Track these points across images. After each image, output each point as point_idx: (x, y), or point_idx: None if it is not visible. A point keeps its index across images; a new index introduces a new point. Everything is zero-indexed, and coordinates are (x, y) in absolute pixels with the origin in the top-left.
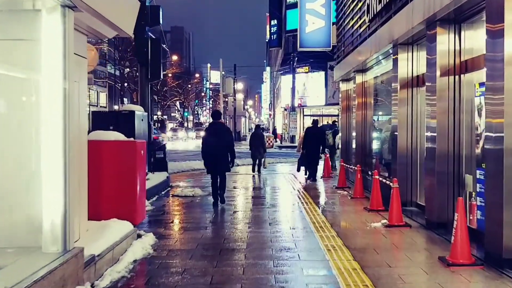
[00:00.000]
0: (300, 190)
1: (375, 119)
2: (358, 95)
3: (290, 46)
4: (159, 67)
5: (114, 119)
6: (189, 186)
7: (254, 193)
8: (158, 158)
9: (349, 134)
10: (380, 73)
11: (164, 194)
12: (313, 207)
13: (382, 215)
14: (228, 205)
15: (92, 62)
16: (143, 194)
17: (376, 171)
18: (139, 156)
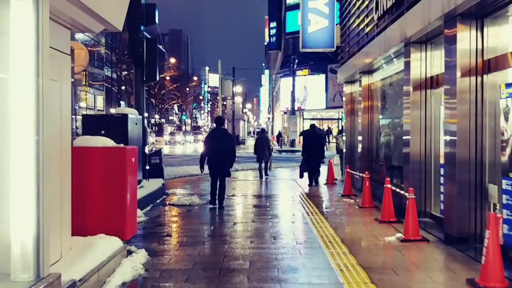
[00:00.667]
0: (304, 198)
1: (383, 123)
2: (364, 98)
3: (289, 48)
4: (155, 68)
5: (106, 123)
6: (186, 194)
7: (255, 202)
8: (153, 164)
9: (353, 139)
10: (389, 74)
11: (159, 202)
12: (319, 218)
13: (395, 227)
14: (227, 215)
15: (83, 62)
16: (134, 206)
17: (387, 179)
18: (130, 164)
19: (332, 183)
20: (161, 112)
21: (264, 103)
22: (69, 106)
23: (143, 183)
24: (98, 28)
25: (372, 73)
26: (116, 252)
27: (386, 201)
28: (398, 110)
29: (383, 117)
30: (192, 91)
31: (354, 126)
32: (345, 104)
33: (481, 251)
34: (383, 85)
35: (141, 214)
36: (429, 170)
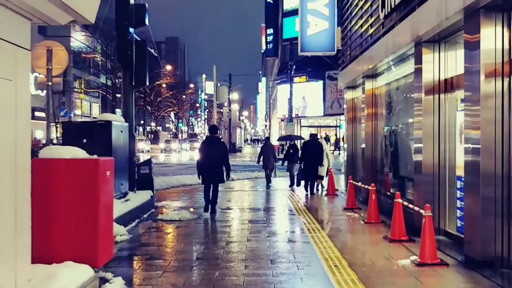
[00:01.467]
0: (304, 212)
1: (389, 131)
2: (368, 104)
3: (287, 55)
4: (145, 72)
5: (88, 131)
6: (176, 207)
7: (250, 216)
8: (142, 174)
9: (355, 147)
10: (395, 78)
11: (146, 217)
12: (322, 236)
13: (407, 247)
14: (220, 233)
15: (61, 64)
16: (110, 226)
17: (398, 193)
18: (104, 178)
19: (333, 194)
20: (157, 120)
21: (261, 110)
22: (28, 109)
23: (130, 195)
24: (64, 19)
25: (376, 77)
26: (85, 283)
27: (397, 218)
28: (407, 117)
29: (389, 124)
30: (189, 99)
31: (356, 134)
32: (346, 111)
33: (510, 278)
34: (388, 90)
35: (123, 232)
36: (443, 183)
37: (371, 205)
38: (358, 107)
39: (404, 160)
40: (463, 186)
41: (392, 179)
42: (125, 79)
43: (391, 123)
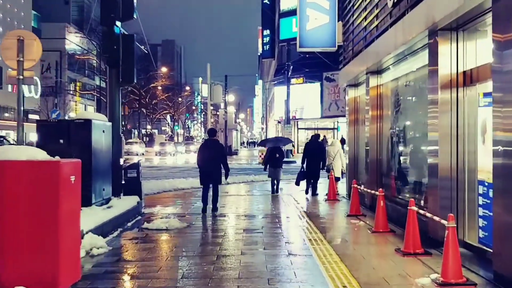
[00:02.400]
0: (305, 219)
1: (397, 130)
2: (372, 102)
3: (284, 56)
4: (133, 69)
5: (65, 131)
6: (165, 214)
7: (246, 224)
8: (130, 179)
9: (357, 149)
10: (404, 73)
11: (131, 226)
12: (326, 248)
13: (424, 262)
14: (211, 244)
15: (34, 55)
16: (74, 242)
17: (412, 199)
18: (66, 184)
19: (334, 199)
20: (152, 122)
21: (258, 113)
22: None
23: (113, 202)
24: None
25: (381, 73)
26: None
27: (411, 228)
28: (418, 114)
29: (397, 124)
30: (185, 101)
31: (358, 134)
32: (348, 111)
33: None
34: (396, 86)
35: (102, 244)
36: (462, 188)
37: (379, 212)
38: (360, 106)
39: (415, 163)
40: (486, 192)
41: (400, 183)
42: (111, 76)
43: (399, 122)
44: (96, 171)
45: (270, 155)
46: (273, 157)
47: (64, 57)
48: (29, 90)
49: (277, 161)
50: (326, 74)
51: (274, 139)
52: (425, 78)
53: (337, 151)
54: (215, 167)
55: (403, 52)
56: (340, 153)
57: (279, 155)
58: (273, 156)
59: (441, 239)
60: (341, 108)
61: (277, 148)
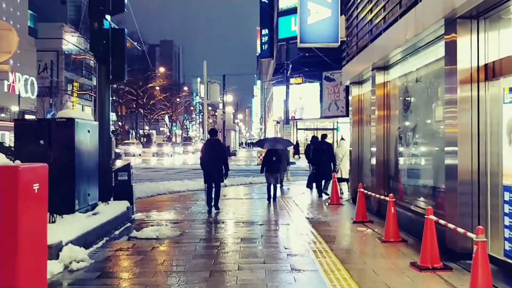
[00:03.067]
0: (307, 226)
1: (407, 130)
2: (379, 100)
3: (283, 55)
4: (123, 65)
5: (46, 131)
6: (157, 221)
7: (244, 232)
8: (120, 182)
9: (362, 151)
10: (415, 68)
11: (118, 234)
12: (332, 261)
13: (445, 278)
14: (205, 257)
15: (10, 48)
16: (39, 260)
17: (430, 208)
18: (27, 193)
19: (337, 204)
20: (150, 123)
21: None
22: None
23: (100, 207)
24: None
25: (388, 69)
26: None
27: (429, 239)
28: (432, 113)
29: (407, 123)
30: (183, 102)
31: (363, 135)
32: (351, 110)
33: None
34: (405, 82)
35: (83, 257)
36: (484, 193)
37: (389, 220)
38: (365, 104)
39: (429, 165)
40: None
41: (411, 187)
42: (100, 73)
43: (409, 121)
44: (80, 175)
45: (266, 158)
46: (270, 160)
47: (61, 57)
48: (26, 91)
49: (274, 165)
50: (326, 73)
51: (272, 140)
52: (438, 73)
53: (345, 152)
54: (216, 166)
55: (414, 45)
56: (347, 154)
57: (276, 158)
58: (270, 159)
59: (461, 250)
60: (340, 108)
61: (273, 151)
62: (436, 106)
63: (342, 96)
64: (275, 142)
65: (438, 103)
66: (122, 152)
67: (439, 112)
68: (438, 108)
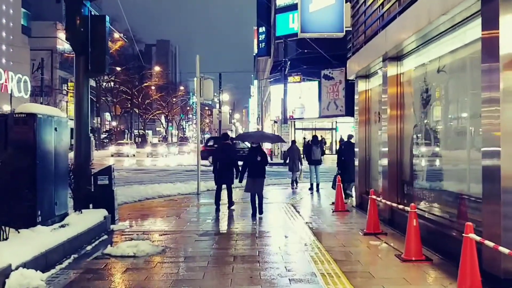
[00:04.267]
0: (311, 240)
1: (426, 128)
2: (391, 95)
3: (280, 53)
4: (104, 55)
5: (2, 128)
6: (138, 232)
7: (238, 248)
8: (100, 187)
9: (369, 152)
10: (436, 56)
11: (90, 250)
12: None
13: None
14: (188, 283)
15: None
16: None
17: (469, 224)
18: None
19: (343, 211)
20: (145, 123)
21: (253, 113)
22: None
23: (70, 218)
24: None
25: (402, 59)
26: None
27: (468, 263)
28: (461, 107)
29: (426, 120)
30: (179, 101)
31: (370, 135)
32: (357, 107)
33: None
34: (424, 73)
35: (38, 283)
36: None
37: (410, 234)
38: (373, 101)
39: (455, 168)
40: None
41: (431, 193)
42: (78, 65)
43: (430, 118)
44: (44, 180)
45: (249, 158)
46: (253, 161)
47: (55, 56)
48: (19, 90)
49: (258, 168)
50: (324, 72)
51: (259, 135)
52: (470, 60)
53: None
54: (227, 169)
55: (437, 28)
56: None
57: (261, 158)
58: (253, 159)
59: (505, 275)
60: (340, 108)
61: (258, 149)
62: (466, 99)
63: (341, 95)
64: (261, 137)
65: (468, 95)
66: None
67: (470, 106)
68: (469, 101)
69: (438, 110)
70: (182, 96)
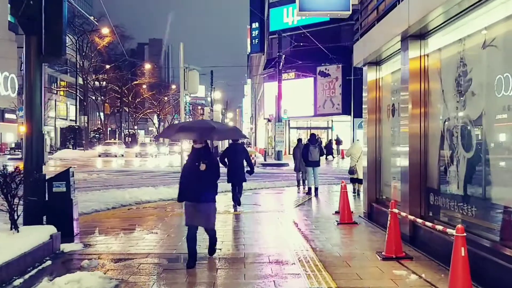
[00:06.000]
0: (317, 268)
1: (465, 123)
2: (413, 82)
3: (274, 48)
4: (61, 37)
5: None
6: (90, 259)
7: (219, 278)
8: (56, 195)
9: (380, 153)
10: (481, 27)
11: (20, 285)
12: None
13: None
14: None
15: None
16: None
17: None
18: None
19: (350, 223)
20: (136, 122)
21: (247, 113)
22: None
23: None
24: None
25: (427, 37)
26: None
27: None
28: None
29: (463, 113)
30: (172, 100)
31: (381, 133)
32: (366, 100)
33: None
34: (460, 52)
35: None
36: None
37: (457, 268)
38: (385, 92)
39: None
40: None
41: (472, 206)
42: (28, 47)
43: (470, 110)
44: None
45: (185, 168)
46: (191, 172)
47: None
48: (5, 88)
49: (200, 184)
50: (320, 68)
51: (198, 127)
52: None
53: (361, 152)
54: (240, 168)
55: None
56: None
57: (206, 165)
58: (191, 169)
59: None
60: (336, 106)
61: (202, 151)
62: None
63: (338, 92)
64: (202, 131)
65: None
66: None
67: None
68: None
69: (482, 99)
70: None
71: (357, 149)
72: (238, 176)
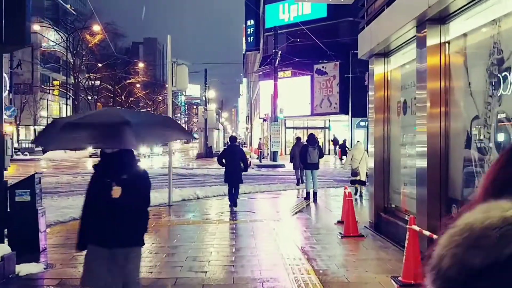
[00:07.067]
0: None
1: (501, 123)
2: (432, 74)
3: (270, 46)
4: (24, 22)
5: None
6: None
7: None
8: (18, 205)
9: (388, 156)
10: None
11: None
12: None
13: None
14: None
15: None
16: None
17: None
18: None
19: (355, 235)
20: None
21: (243, 112)
22: None
23: None
24: None
25: (449, 21)
26: None
27: None
28: None
29: (498, 108)
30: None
31: (390, 133)
32: (373, 95)
33: None
34: (494, 36)
35: None
36: None
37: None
38: (394, 86)
39: None
40: None
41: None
42: None
43: (505, 106)
44: None
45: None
46: (102, 198)
47: (36, 52)
48: None
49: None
50: (317, 66)
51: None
52: None
53: (363, 153)
54: (237, 169)
55: None
56: (365, 156)
57: (125, 186)
58: (100, 189)
59: None
60: (334, 105)
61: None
62: None
63: (335, 91)
64: (111, 132)
65: None
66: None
67: None
68: None
69: None
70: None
71: (358, 151)
72: (235, 177)
